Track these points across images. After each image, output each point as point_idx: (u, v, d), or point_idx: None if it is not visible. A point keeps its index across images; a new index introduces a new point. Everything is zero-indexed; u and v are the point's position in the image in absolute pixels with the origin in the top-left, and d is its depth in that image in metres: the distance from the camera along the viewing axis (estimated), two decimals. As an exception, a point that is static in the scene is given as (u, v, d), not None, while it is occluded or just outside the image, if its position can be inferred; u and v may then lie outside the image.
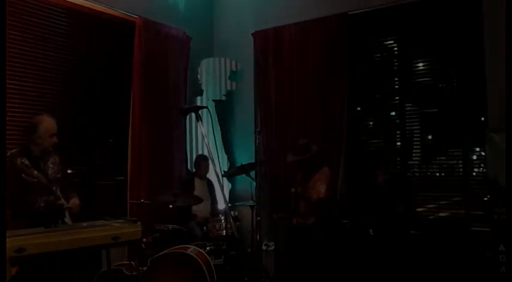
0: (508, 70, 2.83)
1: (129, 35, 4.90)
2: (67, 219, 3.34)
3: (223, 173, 4.84)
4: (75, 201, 3.43)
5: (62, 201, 3.30)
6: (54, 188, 3.28)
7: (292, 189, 4.55)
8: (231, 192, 5.69)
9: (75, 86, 4.47)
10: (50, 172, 3.38)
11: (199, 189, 5.05)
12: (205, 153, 5.28)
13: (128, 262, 3.48)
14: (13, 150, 3.27)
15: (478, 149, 4.58)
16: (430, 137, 4.98)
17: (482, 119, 4.39)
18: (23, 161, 3.10)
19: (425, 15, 4.63)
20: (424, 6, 4.60)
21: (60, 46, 4.34)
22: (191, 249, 3.85)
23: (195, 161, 5.28)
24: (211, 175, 5.18)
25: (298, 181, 4.61)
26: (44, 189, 3.24)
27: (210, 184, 5.24)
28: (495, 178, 3.89)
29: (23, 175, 3.10)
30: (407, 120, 4.92)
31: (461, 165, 4.63)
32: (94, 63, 4.69)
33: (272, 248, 4.91)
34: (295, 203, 4.56)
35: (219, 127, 5.60)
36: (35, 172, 3.14)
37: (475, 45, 4.34)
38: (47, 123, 3.37)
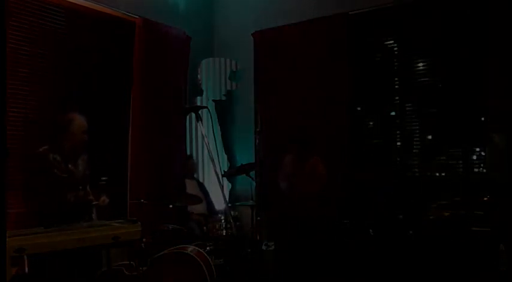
0: (509, 70, 2.84)
1: (129, 35, 4.90)
2: (94, 216, 3.40)
3: (223, 173, 4.85)
4: (105, 199, 3.53)
5: (92, 197, 3.37)
6: (84, 184, 3.35)
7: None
8: (231, 192, 5.69)
9: (75, 86, 4.47)
10: (80, 169, 3.45)
11: (190, 190, 5.05)
12: (205, 153, 5.28)
13: (128, 262, 3.48)
14: (45, 147, 3.34)
15: (478, 149, 4.58)
16: (430, 137, 4.98)
17: (482, 119, 4.39)
18: (55, 156, 3.23)
19: (425, 15, 4.63)
20: (424, 6, 4.60)
21: (60, 46, 4.33)
22: (191, 249, 3.85)
23: None
24: (210, 175, 5.19)
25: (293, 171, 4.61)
26: (75, 185, 3.33)
27: (200, 184, 5.26)
28: (495, 178, 3.89)
29: (55, 170, 3.21)
30: (407, 120, 4.92)
31: (461, 165, 4.64)
32: (93, 63, 4.68)
33: (272, 248, 4.91)
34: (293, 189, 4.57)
35: (219, 127, 5.60)
36: (67, 168, 3.25)
37: (475, 45, 4.34)
38: (79, 120, 3.49)
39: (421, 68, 4.95)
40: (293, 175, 4.56)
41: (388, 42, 5.15)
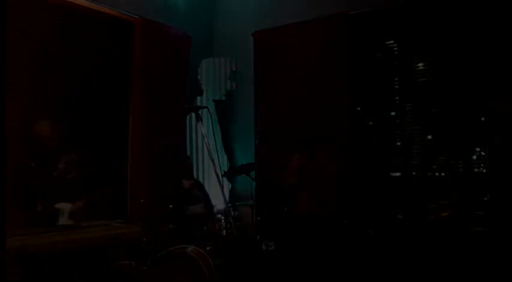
0: (509, 70, 2.84)
1: (129, 34, 4.90)
2: (63, 220, 3.39)
3: (223, 173, 4.85)
4: (78, 204, 3.53)
5: (58, 204, 3.37)
6: (54, 190, 3.34)
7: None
8: (231, 192, 5.69)
9: (74, 87, 4.46)
10: (57, 173, 3.45)
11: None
12: (205, 153, 5.28)
13: (128, 262, 3.48)
14: (27, 154, 3.40)
15: (478, 149, 4.58)
16: (430, 137, 4.98)
17: (482, 119, 4.39)
18: (30, 163, 3.29)
19: (425, 15, 4.63)
20: (424, 6, 4.60)
21: (59, 46, 4.32)
22: (191, 249, 3.85)
23: None
24: (210, 175, 5.19)
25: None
26: (47, 191, 3.30)
27: (199, 184, 5.25)
28: (495, 178, 3.89)
29: (28, 177, 3.26)
30: (407, 120, 4.92)
31: (461, 165, 4.64)
32: (93, 64, 4.67)
33: (272, 248, 4.91)
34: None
35: (219, 127, 5.60)
36: (39, 174, 3.26)
37: (475, 45, 4.34)
38: (40, 127, 3.57)
39: (421, 68, 4.94)
40: (299, 173, 4.56)
41: (388, 42, 5.14)
